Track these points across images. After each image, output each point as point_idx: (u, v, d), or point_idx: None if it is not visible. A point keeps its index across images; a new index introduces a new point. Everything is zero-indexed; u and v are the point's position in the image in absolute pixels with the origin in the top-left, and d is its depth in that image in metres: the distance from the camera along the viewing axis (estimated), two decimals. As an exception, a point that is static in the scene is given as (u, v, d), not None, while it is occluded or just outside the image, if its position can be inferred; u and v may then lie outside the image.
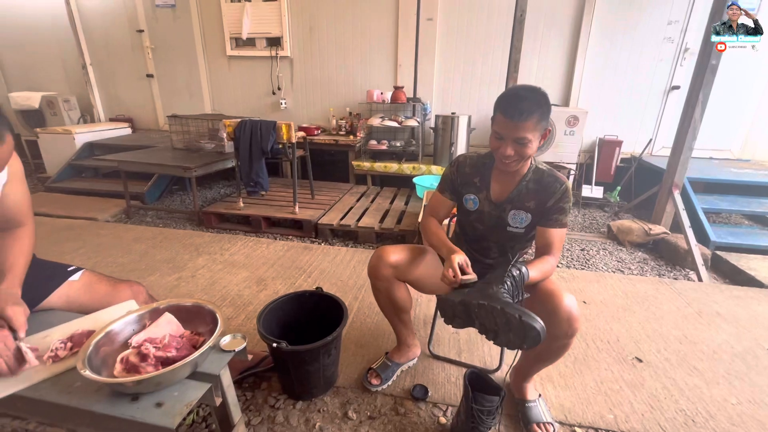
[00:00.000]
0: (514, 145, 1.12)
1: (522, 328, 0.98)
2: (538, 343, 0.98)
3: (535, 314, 0.98)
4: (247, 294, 2.10)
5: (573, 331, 1.08)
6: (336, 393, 1.46)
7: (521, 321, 0.98)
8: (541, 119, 1.10)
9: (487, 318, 1.05)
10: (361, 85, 4.35)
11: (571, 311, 1.07)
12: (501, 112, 1.11)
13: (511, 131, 1.10)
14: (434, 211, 1.40)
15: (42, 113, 4.77)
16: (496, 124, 1.14)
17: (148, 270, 2.34)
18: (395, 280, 1.34)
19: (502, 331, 1.03)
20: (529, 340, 0.98)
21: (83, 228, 2.99)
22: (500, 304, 1.01)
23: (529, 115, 1.07)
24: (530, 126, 1.09)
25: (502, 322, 1.02)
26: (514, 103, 1.09)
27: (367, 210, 3.26)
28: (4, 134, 0.84)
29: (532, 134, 1.10)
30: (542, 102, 1.10)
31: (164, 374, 0.86)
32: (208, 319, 1.06)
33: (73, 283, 1.23)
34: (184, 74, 4.75)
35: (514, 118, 1.08)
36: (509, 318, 1.00)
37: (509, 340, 1.02)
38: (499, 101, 1.14)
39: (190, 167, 3.01)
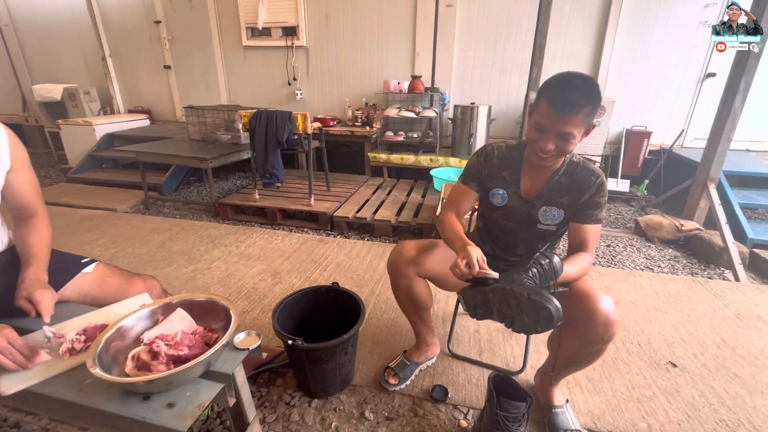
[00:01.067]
0: (556, 139, 1.02)
1: (533, 309, 0.91)
2: (552, 325, 0.91)
3: (551, 295, 0.91)
4: (262, 287, 2.08)
5: (610, 336, 1.00)
6: (352, 392, 1.42)
7: (530, 300, 0.91)
8: (590, 114, 0.99)
9: (502, 303, 0.98)
10: (378, 75, 4.26)
11: (608, 315, 0.99)
12: (547, 101, 1.00)
13: (556, 124, 1.00)
14: (455, 203, 1.30)
15: (64, 105, 4.85)
16: (539, 114, 1.03)
17: (165, 261, 2.34)
18: (416, 277, 1.27)
19: (516, 315, 0.97)
20: (542, 321, 0.91)
21: (102, 218, 3.02)
22: (511, 284, 0.94)
23: (579, 109, 0.97)
24: (578, 121, 0.98)
25: (515, 305, 0.95)
26: (564, 93, 0.97)
27: (384, 203, 3.19)
28: None
29: (578, 130, 1.00)
30: (595, 95, 0.98)
31: (175, 374, 0.82)
32: (222, 315, 1.02)
33: (87, 276, 1.21)
34: (200, 65, 4.75)
35: (563, 111, 0.97)
36: (519, 299, 0.93)
37: (524, 324, 0.96)
38: (547, 88, 1.02)
39: (206, 158, 3.00)
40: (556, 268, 1.00)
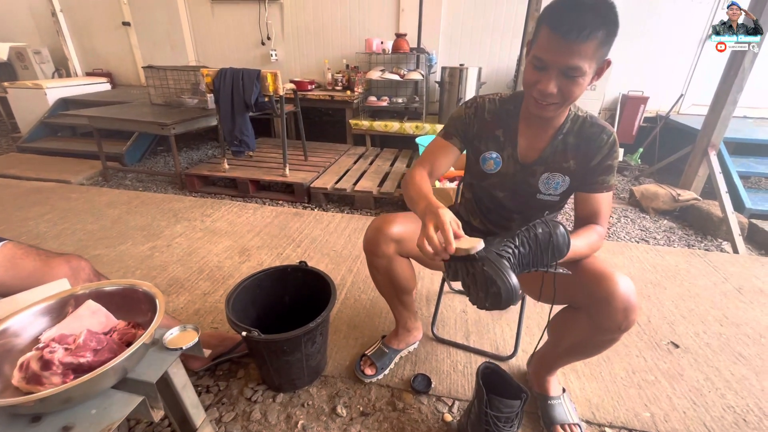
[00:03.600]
0: (561, 78, 0.81)
1: (484, 281, 0.74)
2: (499, 305, 0.73)
3: (509, 270, 0.73)
4: (228, 265, 1.87)
5: (629, 324, 0.83)
6: (324, 383, 1.26)
7: (483, 271, 0.74)
8: (604, 42, 0.77)
9: (463, 269, 0.80)
10: (359, 34, 3.91)
11: (629, 299, 0.82)
12: (549, 25, 0.78)
13: (561, 56, 0.77)
14: (429, 159, 1.05)
15: (12, 66, 4.38)
16: (539, 47, 0.81)
17: (120, 238, 2.10)
18: (397, 256, 1.07)
19: (472, 285, 0.79)
20: (491, 297, 0.74)
21: (53, 191, 2.72)
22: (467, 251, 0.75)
23: (591, 33, 0.74)
24: (589, 50, 0.76)
25: (471, 273, 0.78)
26: (570, 13, 0.75)
27: (365, 173, 2.97)
28: None
29: (589, 64, 0.78)
30: (611, 16, 0.76)
31: (73, 388, 0.62)
32: (147, 306, 0.82)
33: (-11, 258, 0.98)
34: (163, 22, 4.29)
35: (569, 35, 0.75)
36: (475, 268, 0.76)
37: (477, 297, 0.79)
38: (549, 11, 0.79)
39: (166, 123, 2.69)
40: (559, 243, 0.81)
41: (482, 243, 0.76)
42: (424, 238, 0.76)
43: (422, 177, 1.00)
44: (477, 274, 0.75)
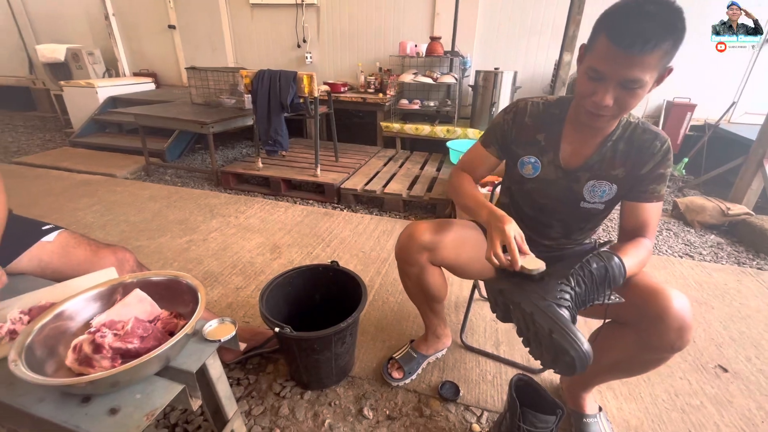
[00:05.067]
0: (618, 90, 0.77)
1: (553, 348, 0.71)
2: (572, 373, 0.70)
3: (578, 333, 0.70)
4: (259, 262, 1.91)
5: (683, 344, 0.78)
6: (350, 384, 1.26)
7: (551, 338, 0.71)
8: (669, 52, 0.73)
9: (521, 320, 0.79)
10: (394, 37, 3.92)
11: (683, 317, 0.77)
12: (609, 35, 0.73)
13: (621, 68, 0.73)
14: (470, 166, 1.09)
15: (68, 67, 4.67)
16: (595, 56, 0.77)
17: (159, 231, 2.19)
18: (429, 265, 1.06)
19: (534, 342, 0.77)
20: (561, 365, 0.72)
21: (100, 184, 2.89)
22: (532, 307, 0.74)
23: (656, 45, 0.70)
24: (652, 61, 0.72)
25: (533, 332, 0.75)
26: (633, 22, 0.70)
27: (395, 175, 2.97)
28: None
29: (651, 74, 0.74)
30: (678, 24, 0.71)
31: (120, 373, 0.65)
32: (189, 297, 0.84)
33: (46, 245, 1.05)
34: (206, 25, 4.47)
35: (633, 47, 0.70)
36: (538, 329, 0.73)
37: (541, 355, 0.77)
38: (608, 19, 0.75)
39: (206, 122, 2.80)
40: (615, 275, 0.78)
41: (544, 266, 0.78)
42: (492, 254, 0.80)
43: (471, 183, 1.02)
44: (542, 337, 0.72)
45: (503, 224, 0.80)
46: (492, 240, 0.80)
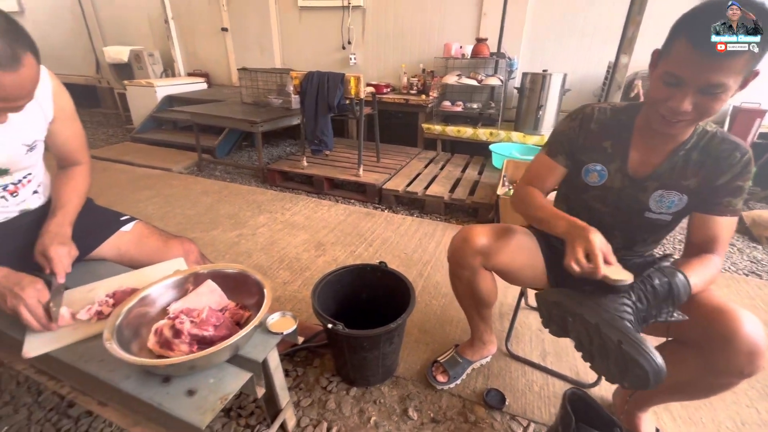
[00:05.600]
0: (698, 96, 0.73)
1: (622, 360, 0.68)
2: (644, 387, 0.67)
3: (650, 345, 0.67)
4: (305, 258, 1.98)
5: (753, 369, 0.74)
6: (395, 384, 1.27)
7: (620, 349, 0.68)
8: (757, 55, 0.68)
9: (581, 333, 0.76)
10: (438, 39, 3.90)
11: (755, 341, 0.72)
12: (689, 38, 0.70)
13: (703, 73, 0.70)
14: (537, 178, 1.05)
15: (131, 67, 5.02)
16: (673, 60, 0.74)
17: (212, 224, 2.32)
18: (482, 269, 1.06)
19: (598, 356, 0.74)
20: (632, 378, 0.68)
21: (158, 178, 3.09)
22: (596, 318, 0.71)
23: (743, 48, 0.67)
24: (738, 66, 0.68)
25: (597, 344, 0.73)
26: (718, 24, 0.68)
27: (436, 177, 2.96)
28: (20, 55, 0.68)
29: (735, 79, 0.70)
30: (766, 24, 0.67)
31: (198, 359, 0.70)
32: (255, 290, 0.89)
33: (124, 234, 1.15)
34: (256, 27, 4.65)
35: (716, 51, 0.67)
36: (605, 340, 0.70)
37: (607, 369, 0.74)
38: (688, 22, 0.72)
39: (256, 121, 2.92)
40: (679, 293, 0.75)
41: (632, 278, 0.74)
42: (573, 260, 0.76)
43: (540, 195, 1.00)
44: (610, 349, 0.70)
45: (588, 232, 0.78)
46: (573, 246, 0.78)
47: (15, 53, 0.67)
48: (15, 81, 0.68)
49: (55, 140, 1.02)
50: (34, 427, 1.12)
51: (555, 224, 0.88)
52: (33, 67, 0.71)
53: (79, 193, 1.06)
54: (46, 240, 0.89)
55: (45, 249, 0.87)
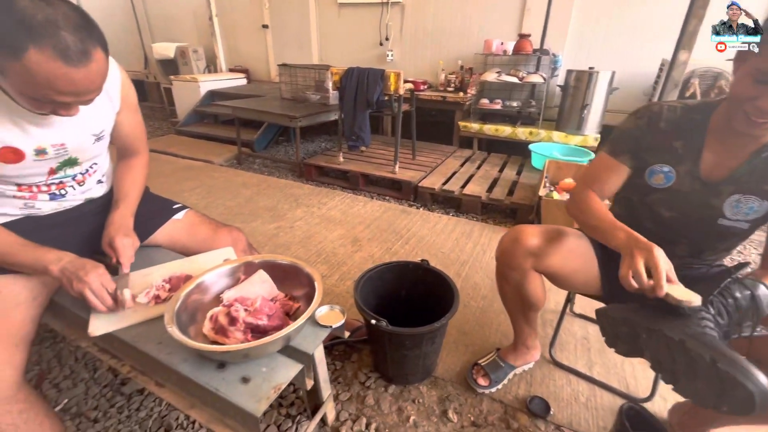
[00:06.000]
0: None
1: (718, 381, 0.62)
2: (748, 412, 0.60)
3: (749, 364, 0.61)
4: (342, 253, 1.99)
5: None
6: (433, 384, 1.26)
7: (715, 368, 0.61)
8: None
9: (661, 351, 0.70)
10: (479, 35, 3.82)
11: None
12: None
13: None
14: (597, 180, 0.99)
15: (176, 63, 5.24)
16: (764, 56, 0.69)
17: (252, 216, 2.37)
18: (532, 271, 1.02)
19: (684, 376, 0.68)
20: (733, 402, 0.62)
21: (201, 169, 3.20)
22: (680, 333, 0.65)
23: None
24: None
25: (684, 363, 0.66)
26: None
27: (473, 177, 2.90)
28: (91, 50, 0.69)
29: None
30: None
31: (253, 348, 0.71)
32: (305, 282, 0.90)
33: (177, 222, 1.19)
34: (295, 24, 4.73)
35: None
36: (694, 358, 0.64)
37: (696, 391, 0.67)
38: None
39: (295, 116, 2.97)
40: (763, 305, 0.68)
41: (700, 300, 0.67)
42: (631, 271, 0.71)
43: (599, 201, 0.94)
44: (702, 368, 0.64)
45: (651, 246, 0.73)
46: (633, 258, 0.72)
47: (86, 48, 0.68)
48: (85, 76, 0.69)
49: (120, 130, 1.06)
50: (91, 402, 1.19)
51: (613, 235, 0.82)
52: (102, 62, 0.73)
53: (139, 185, 1.10)
54: (112, 231, 0.93)
55: (112, 240, 0.91)
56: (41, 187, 0.94)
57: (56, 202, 0.99)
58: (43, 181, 0.93)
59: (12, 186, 0.90)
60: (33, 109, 0.77)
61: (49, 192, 0.96)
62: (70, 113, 0.76)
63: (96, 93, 0.76)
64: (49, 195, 0.96)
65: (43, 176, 0.92)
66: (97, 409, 1.16)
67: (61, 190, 0.98)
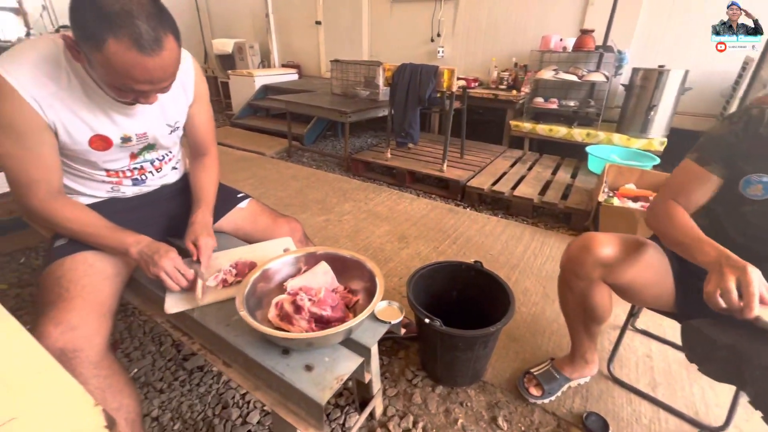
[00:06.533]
0: None
1: None
2: None
3: None
4: (388, 249, 1.99)
5: None
6: (482, 389, 1.23)
7: None
8: None
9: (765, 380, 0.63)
10: (535, 31, 3.66)
11: None
12: None
13: None
14: (683, 191, 0.91)
15: (233, 58, 5.48)
16: None
17: (301, 207, 2.44)
18: (600, 283, 0.96)
19: None
20: None
21: (253, 161, 3.34)
22: None
23: None
24: None
25: None
26: None
27: (524, 178, 2.79)
28: (163, 38, 0.70)
29: None
30: None
31: (319, 338, 0.73)
32: (366, 277, 0.91)
33: (241, 210, 1.24)
34: (348, 21, 4.79)
35: None
36: None
37: None
38: None
39: (346, 112, 3.01)
40: None
41: None
42: (719, 289, 0.66)
43: (685, 214, 0.87)
44: None
45: (745, 265, 0.67)
46: (723, 275, 0.66)
47: (158, 36, 0.70)
48: (158, 64, 0.71)
49: (192, 122, 1.12)
50: (157, 373, 1.28)
51: (701, 251, 0.75)
52: (175, 50, 0.75)
53: (214, 184, 1.17)
54: (197, 230, 0.98)
55: (196, 239, 0.96)
56: (125, 172, 1.01)
57: (137, 187, 1.07)
58: (126, 166, 1.01)
59: (101, 171, 0.98)
60: (117, 98, 0.83)
61: (132, 177, 1.04)
62: (149, 101, 0.81)
63: (170, 80, 0.78)
64: (132, 180, 1.04)
65: (125, 161, 0.99)
66: (162, 380, 1.25)
67: (142, 176, 1.06)
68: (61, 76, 0.80)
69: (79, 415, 0.37)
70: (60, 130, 0.83)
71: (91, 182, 0.99)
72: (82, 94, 0.83)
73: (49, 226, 0.93)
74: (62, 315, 0.78)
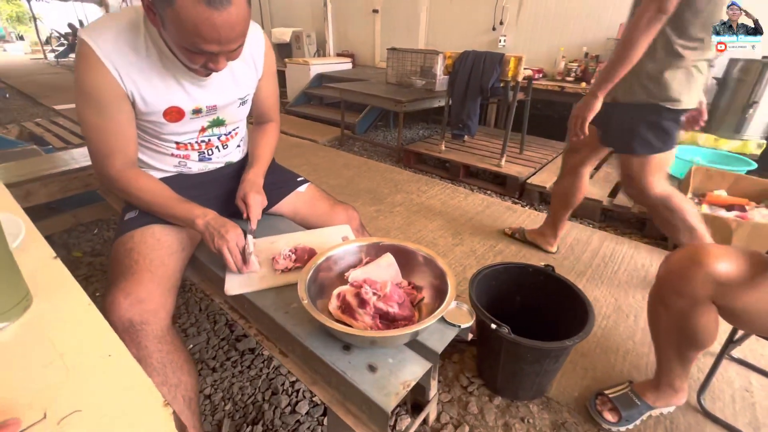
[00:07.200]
0: None
1: None
2: None
3: None
4: (442, 244, 1.90)
5: None
6: (546, 405, 1.11)
7: None
8: None
9: None
10: (612, 17, 3.34)
11: None
12: None
13: None
14: None
15: (290, 47, 5.57)
16: None
17: (353, 196, 2.41)
18: (707, 303, 0.81)
19: None
20: None
21: (307, 148, 3.36)
22: None
23: None
24: None
25: None
26: None
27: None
28: None
29: None
30: None
31: (384, 338, 0.66)
32: (432, 274, 0.83)
33: (300, 194, 1.21)
34: (406, 8, 4.67)
35: None
36: None
37: None
38: None
39: (401, 101, 2.93)
40: None
41: None
42: None
43: None
44: None
45: None
46: None
47: None
48: (226, 20, 0.68)
49: (259, 95, 1.11)
50: (210, 351, 1.29)
51: None
52: (243, 8, 0.71)
53: (271, 148, 1.16)
54: (246, 187, 0.99)
55: (246, 195, 0.96)
56: (194, 145, 1.01)
57: (203, 163, 1.06)
58: (195, 139, 1.00)
59: (172, 144, 0.98)
60: (189, 63, 0.80)
61: (199, 151, 1.03)
62: (218, 67, 0.78)
63: (238, 42, 0.75)
64: (199, 154, 1.04)
65: (195, 133, 0.99)
66: (215, 359, 1.26)
67: (208, 150, 1.05)
68: (139, 44, 0.80)
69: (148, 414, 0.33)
70: (137, 98, 0.84)
71: (162, 156, 1.00)
72: (158, 62, 0.83)
73: (124, 196, 0.94)
74: (132, 287, 0.78)
